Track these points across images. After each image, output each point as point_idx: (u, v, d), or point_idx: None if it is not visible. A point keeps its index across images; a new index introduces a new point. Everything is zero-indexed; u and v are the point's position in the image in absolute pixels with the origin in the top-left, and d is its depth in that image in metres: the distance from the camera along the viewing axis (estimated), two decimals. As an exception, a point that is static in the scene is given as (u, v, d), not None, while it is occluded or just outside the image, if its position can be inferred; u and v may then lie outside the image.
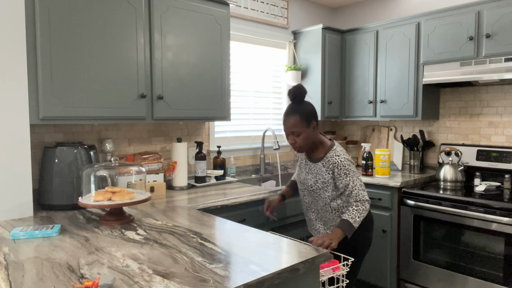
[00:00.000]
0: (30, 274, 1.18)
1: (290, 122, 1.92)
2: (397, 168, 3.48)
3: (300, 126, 1.91)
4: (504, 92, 2.95)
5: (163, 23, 2.30)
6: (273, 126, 3.58)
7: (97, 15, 2.03)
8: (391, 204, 2.91)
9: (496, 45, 2.61)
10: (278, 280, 1.21)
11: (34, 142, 2.19)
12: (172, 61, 2.36)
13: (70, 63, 1.95)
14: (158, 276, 1.16)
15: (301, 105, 1.93)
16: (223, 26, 2.62)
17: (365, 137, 3.80)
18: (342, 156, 1.93)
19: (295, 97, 1.95)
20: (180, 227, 1.68)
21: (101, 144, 2.42)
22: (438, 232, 2.68)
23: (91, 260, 1.30)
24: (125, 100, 2.16)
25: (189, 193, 2.47)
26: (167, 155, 2.77)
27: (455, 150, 3.00)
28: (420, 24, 3.02)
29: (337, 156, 1.93)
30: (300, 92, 1.94)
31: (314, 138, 1.97)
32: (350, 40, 3.51)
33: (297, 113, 1.91)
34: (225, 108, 2.66)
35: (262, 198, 2.43)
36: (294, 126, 1.91)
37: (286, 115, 1.95)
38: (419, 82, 3.05)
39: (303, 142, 1.94)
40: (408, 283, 2.86)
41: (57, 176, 2.00)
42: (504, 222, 2.35)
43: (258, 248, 1.42)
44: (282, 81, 3.64)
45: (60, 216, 1.89)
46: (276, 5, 3.48)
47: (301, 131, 1.91)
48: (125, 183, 1.96)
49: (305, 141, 1.94)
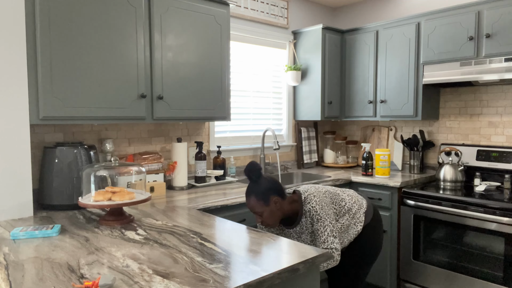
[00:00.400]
0: (30, 274, 1.18)
1: (249, 204, 1.85)
2: (397, 168, 3.48)
3: (259, 206, 1.82)
4: (504, 92, 2.95)
5: (163, 23, 2.30)
6: (273, 126, 3.58)
7: (97, 15, 2.03)
8: (391, 204, 2.92)
9: (496, 45, 2.61)
10: (278, 280, 1.21)
11: (34, 142, 2.18)
12: (172, 61, 2.36)
13: (70, 63, 1.95)
14: (158, 276, 1.16)
15: (255, 185, 1.84)
16: (223, 26, 2.62)
17: (365, 137, 3.80)
18: (313, 201, 1.85)
19: (249, 177, 1.85)
20: (180, 227, 1.68)
21: (101, 144, 2.42)
22: (438, 232, 2.68)
23: (91, 260, 1.30)
24: (125, 100, 2.16)
25: (189, 193, 2.47)
26: (167, 155, 2.77)
27: (455, 150, 3.00)
28: (420, 24, 3.02)
29: (308, 204, 1.86)
30: (251, 170, 1.84)
31: (281, 211, 1.87)
32: (350, 40, 3.51)
33: (252, 194, 1.83)
34: (225, 108, 2.66)
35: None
36: (254, 207, 1.83)
37: (245, 197, 1.87)
38: (419, 82, 3.05)
39: (270, 219, 1.84)
40: (408, 283, 2.86)
41: (57, 176, 2.00)
42: (504, 222, 2.35)
43: (258, 248, 1.42)
44: (282, 81, 3.64)
45: (60, 216, 1.89)
46: (276, 5, 3.48)
47: (262, 211, 1.82)
48: (125, 183, 1.96)
49: (271, 218, 1.84)
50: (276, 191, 1.85)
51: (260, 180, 1.85)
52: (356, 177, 3.12)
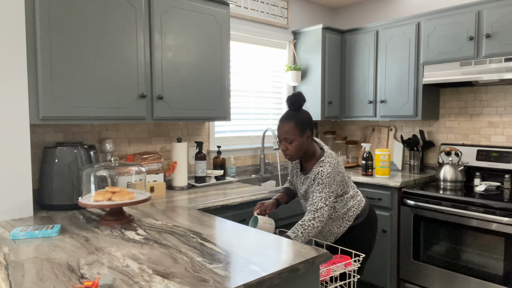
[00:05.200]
0: (30, 274, 1.18)
1: (284, 128, 1.89)
2: (397, 168, 3.48)
3: (293, 134, 1.87)
4: (504, 92, 2.95)
5: (163, 23, 2.30)
6: (273, 126, 3.58)
7: (97, 15, 2.03)
8: (391, 204, 2.91)
9: (496, 45, 2.61)
10: (278, 280, 1.20)
11: (34, 142, 2.19)
12: (172, 61, 2.36)
13: (70, 63, 1.95)
14: (158, 276, 1.16)
15: (297, 113, 1.90)
16: (223, 26, 2.62)
17: (365, 137, 3.80)
18: (326, 167, 1.88)
19: (292, 105, 1.92)
20: (180, 227, 1.68)
21: (101, 144, 2.42)
22: (438, 232, 2.68)
23: (91, 260, 1.30)
24: (125, 100, 2.16)
25: (189, 193, 2.47)
26: (167, 155, 2.77)
27: (455, 150, 3.00)
28: (420, 24, 3.02)
29: (320, 167, 1.89)
30: (297, 100, 1.90)
31: (306, 148, 1.93)
32: (350, 40, 3.51)
33: (292, 120, 1.88)
34: (225, 108, 2.66)
35: (262, 198, 2.43)
36: (288, 133, 1.88)
37: (281, 121, 1.92)
38: (419, 82, 3.05)
39: (295, 150, 1.90)
40: (408, 283, 2.86)
41: (57, 176, 2.00)
42: (504, 222, 2.35)
43: (258, 248, 1.42)
44: (282, 81, 3.64)
45: (60, 216, 1.89)
46: (276, 5, 3.48)
47: (293, 139, 1.88)
48: (125, 183, 1.96)
49: (297, 150, 1.90)
50: (312, 127, 1.94)
51: (302, 110, 1.93)
52: (356, 177, 3.12)
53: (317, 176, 1.88)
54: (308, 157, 1.98)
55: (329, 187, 1.86)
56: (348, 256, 1.81)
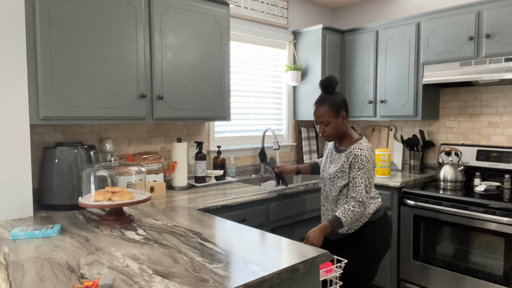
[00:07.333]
0: (30, 274, 1.18)
1: (319, 112, 1.99)
2: (397, 168, 3.48)
3: (328, 116, 1.97)
4: (504, 92, 2.95)
5: (163, 23, 2.30)
6: (273, 126, 3.58)
7: (97, 15, 2.03)
8: (391, 204, 2.91)
9: (496, 45, 2.61)
10: (278, 280, 1.21)
11: (34, 142, 2.18)
12: (172, 61, 2.36)
13: (70, 63, 1.95)
14: (158, 276, 1.16)
15: (331, 96, 1.99)
16: (223, 26, 2.62)
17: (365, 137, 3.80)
18: (365, 151, 1.94)
19: (325, 88, 2.01)
20: (180, 227, 1.68)
21: (101, 144, 2.42)
22: (438, 232, 2.68)
23: (91, 260, 1.30)
24: (125, 100, 2.16)
25: (189, 193, 2.47)
26: (167, 155, 2.77)
27: (455, 150, 3.00)
28: (420, 24, 3.02)
29: (359, 150, 1.95)
30: (330, 83, 1.99)
31: (343, 128, 2.02)
32: (350, 40, 3.51)
33: (326, 103, 1.98)
34: (225, 108, 2.66)
35: (262, 198, 2.43)
36: (323, 116, 1.98)
37: (316, 105, 2.02)
38: (419, 82, 3.05)
39: (332, 131, 2.00)
40: (408, 283, 2.86)
41: (57, 176, 2.00)
42: (504, 222, 2.35)
43: (258, 248, 1.42)
44: (282, 81, 3.64)
45: (60, 216, 1.89)
46: (276, 5, 3.48)
47: (329, 121, 1.98)
48: (125, 183, 1.96)
49: (334, 131, 2.00)
50: (346, 107, 2.02)
51: (335, 93, 2.00)
52: (356, 177, 3.11)
53: (357, 160, 1.92)
54: (344, 137, 2.06)
55: (368, 170, 1.93)
56: (330, 263, 1.72)
